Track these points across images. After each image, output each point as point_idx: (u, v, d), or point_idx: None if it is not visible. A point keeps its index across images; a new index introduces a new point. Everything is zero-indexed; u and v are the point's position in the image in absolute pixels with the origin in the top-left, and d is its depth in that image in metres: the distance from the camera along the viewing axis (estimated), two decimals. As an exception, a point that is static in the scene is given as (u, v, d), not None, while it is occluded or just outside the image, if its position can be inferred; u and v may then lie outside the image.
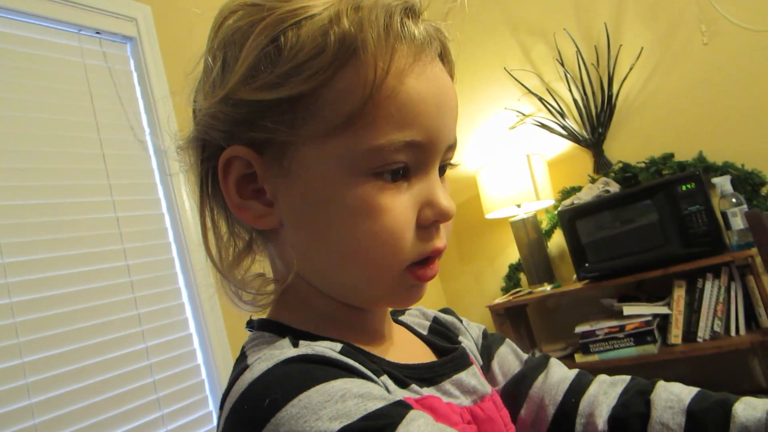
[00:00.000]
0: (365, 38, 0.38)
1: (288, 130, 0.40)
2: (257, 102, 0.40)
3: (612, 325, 2.04)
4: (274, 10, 0.40)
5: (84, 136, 1.53)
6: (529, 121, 2.52)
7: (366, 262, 0.42)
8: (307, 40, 0.39)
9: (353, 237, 0.41)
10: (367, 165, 0.40)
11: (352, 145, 0.39)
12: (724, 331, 1.92)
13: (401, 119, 0.39)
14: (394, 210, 0.41)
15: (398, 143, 0.40)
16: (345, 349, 0.41)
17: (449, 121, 0.43)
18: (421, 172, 0.43)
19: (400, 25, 0.40)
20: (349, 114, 0.39)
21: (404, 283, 0.44)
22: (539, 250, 2.33)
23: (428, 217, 0.42)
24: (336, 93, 0.39)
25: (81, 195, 1.48)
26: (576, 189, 2.35)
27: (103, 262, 1.47)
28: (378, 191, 0.40)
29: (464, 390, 0.48)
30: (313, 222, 0.42)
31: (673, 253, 1.94)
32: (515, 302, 2.28)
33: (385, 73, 0.39)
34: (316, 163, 0.41)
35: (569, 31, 2.37)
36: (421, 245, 0.42)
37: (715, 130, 2.15)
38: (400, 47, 0.40)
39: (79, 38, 1.59)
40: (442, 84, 0.43)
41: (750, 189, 2.05)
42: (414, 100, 0.40)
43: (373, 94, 0.38)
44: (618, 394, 0.54)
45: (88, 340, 1.39)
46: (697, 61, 2.18)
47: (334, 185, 0.41)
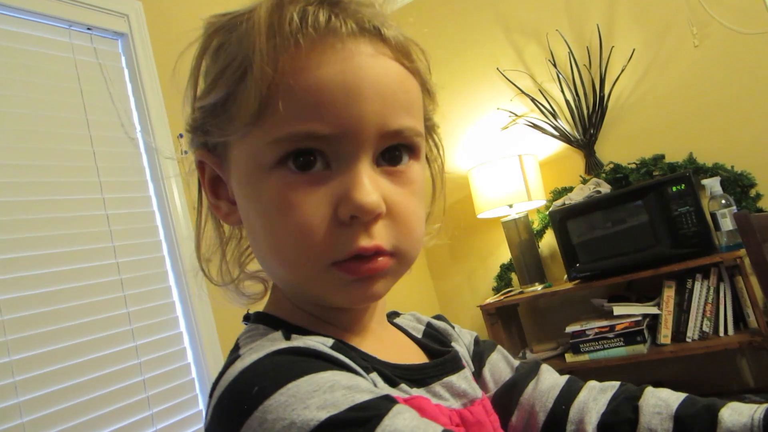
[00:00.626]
0: (252, 47, 0.39)
1: (220, 132, 0.42)
2: (202, 108, 0.43)
3: (602, 325, 2.05)
4: (220, 25, 0.43)
5: (74, 133, 1.51)
6: (521, 122, 2.53)
7: (285, 259, 0.42)
8: (229, 48, 0.41)
9: (272, 233, 0.41)
10: (273, 157, 0.40)
11: (260, 140, 0.40)
12: (713, 332, 1.93)
13: (297, 109, 0.39)
14: (303, 205, 0.40)
15: (299, 135, 0.39)
16: (336, 345, 0.41)
17: (371, 107, 0.40)
18: (342, 164, 0.40)
19: (296, 19, 0.39)
20: (254, 112, 0.39)
21: (337, 282, 0.41)
22: (530, 250, 2.34)
23: (343, 213, 0.40)
24: (244, 94, 0.40)
25: (71, 192, 1.46)
26: (567, 189, 2.36)
27: (92, 261, 1.46)
28: (287, 185, 0.40)
29: (454, 393, 0.48)
30: (249, 220, 0.44)
31: (663, 254, 1.96)
32: (506, 302, 2.29)
33: (270, 76, 0.39)
34: (240, 160, 0.42)
35: (562, 33, 2.38)
36: (342, 244, 0.40)
37: (706, 132, 2.17)
38: (285, 41, 0.39)
39: (70, 34, 1.58)
40: (357, 65, 0.40)
41: (739, 190, 2.07)
42: (311, 88, 0.39)
43: (265, 93, 0.39)
44: (607, 400, 0.54)
45: (77, 339, 1.38)
46: (688, 63, 2.20)
47: (252, 181, 0.42)
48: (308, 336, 0.41)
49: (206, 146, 0.45)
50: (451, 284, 2.77)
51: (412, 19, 0.49)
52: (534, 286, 2.30)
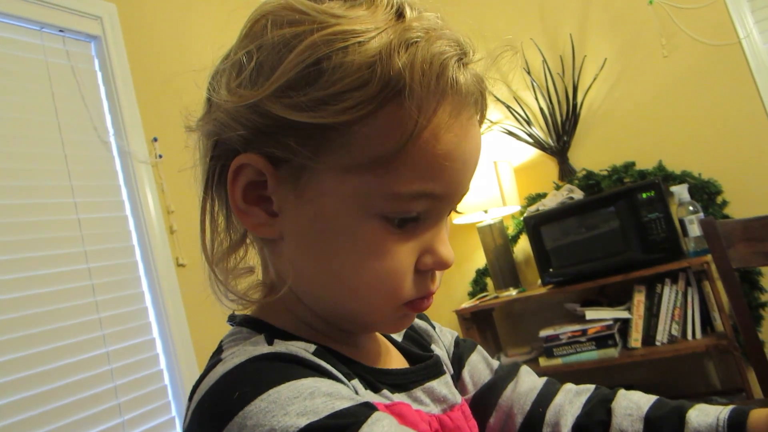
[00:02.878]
0: (413, 83, 0.36)
1: (311, 156, 0.39)
2: (285, 119, 0.38)
3: (575, 330, 2.08)
4: (323, 28, 0.37)
5: (45, 136, 1.49)
6: (496, 129, 2.56)
7: (364, 298, 0.42)
8: (351, 69, 0.36)
9: (356, 273, 0.41)
10: (382, 208, 0.39)
11: (373, 187, 0.38)
12: (682, 335, 1.97)
13: (427, 172, 0.39)
14: (398, 255, 0.41)
15: (417, 193, 0.39)
16: (318, 351, 0.41)
17: (470, 176, 0.43)
18: (432, 220, 0.42)
19: (451, 76, 0.38)
20: (378, 156, 0.37)
21: (398, 315, 0.45)
22: (505, 256, 2.37)
23: (427, 263, 0.42)
24: (369, 132, 0.37)
25: (41, 196, 1.44)
26: (541, 195, 2.40)
27: (63, 266, 1.44)
28: (387, 234, 0.40)
29: (435, 398, 0.49)
30: (318, 248, 0.42)
31: (634, 259, 2.00)
32: (482, 307, 2.31)
33: (425, 127, 0.37)
34: (333, 193, 0.40)
35: (536, 41, 2.42)
36: (417, 288, 0.43)
37: (674, 140, 2.22)
38: (445, 100, 0.38)
39: (42, 36, 1.56)
40: (473, 141, 0.42)
41: (706, 197, 2.13)
42: (444, 157, 0.39)
43: (407, 144, 0.37)
44: (582, 403, 0.56)
45: (47, 345, 1.35)
46: (657, 73, 2.25)
47: (346, 220, 0.40)
48: (291, 341, 0.42)
49: (269, 155, 0.40)
50: (427, 289, 2.78)
51: None
52: (509, 291, 2.33)
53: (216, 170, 0.44)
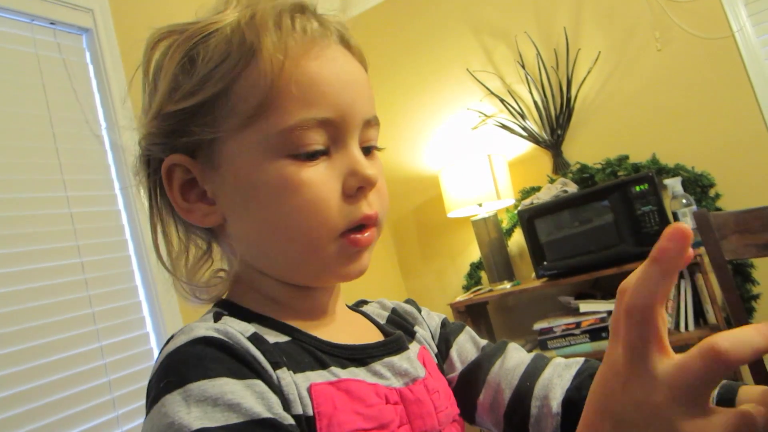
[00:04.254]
0: (260, 39, 0.44)
1: (211, 130, 0.45)
2: (181, 111, 0.45)
3: (569, 322, 2.10)
4: (186, 31, 0.46)
5: (36, 130, 1.48)
6: (490, 122, 2.56)
7: (298, 236, 0.46)
8: (214, 50, 0.44)
9: (282, 214, 0.45)
10: (284, 146, 0.44)
11: (267, 130, 0.44)
12: (674, 327, 1.99)
13: (306, 99, 0.44)
14: (315, 182, 0.44)
15: (309, 121, 0.44)
16: (254, 336, 0.43)
17: (359, 98, 0.47)
18: (340, 147, 0.46)
19: (290, 22, 0.45)
20: (258, 103, 0.43)
21: (342, 253, 0.47)
22: (500, 249, 2.37)
23: (352, 185, 0.46)
24: (244, 88, 0.44)
25: (33, 190, 1.43)
26: (535, 189, 2.40)
27: (56, 260, 1.43)
28: (299, 170, 0.44)
29: (396, 372, 0.50)
30: (246, 208, 0.46)
31: (627, 252, 2.00)
32: (476, 300, 2.31)
33: (281, 63, 0.43)
34: (239, 153, 0.45)
35: (530, 35, 2.42)
36: (349, 212, 0.46)
37: (668, 134, 2.23)
38: (292, 39, 0.44)
39: (32, 28, 1.54)
40: (344, 64, 0.47)
41: (699, 190, 2.14)
42: (315, 81, 0.44)
43: (274, 82, 0.43)
44: (572, 376, 0.56)
45: (40, 340, 1.34)
46: (651, 67, 2.26)
47: (258, 170, 0.45)
48: (238, 321, 0.45)
49: (177, 149, 0.47)
50: (421, 283, 2.79)
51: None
52: (503, 284, 2.34)
53: (156, 186, 0.50)
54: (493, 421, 0.58)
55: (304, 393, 0.42)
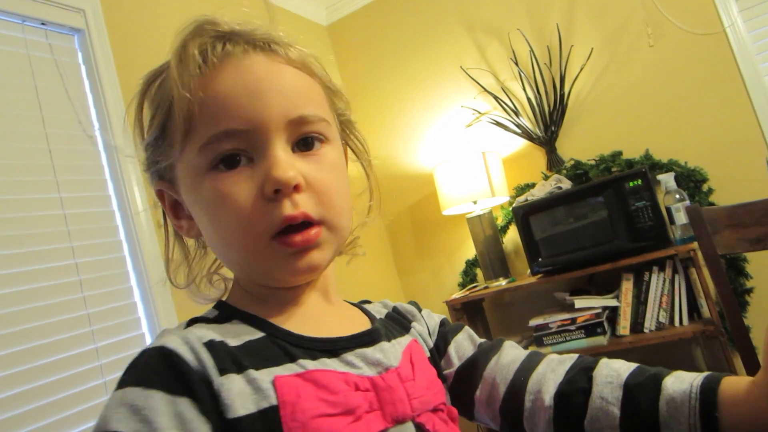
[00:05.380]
0: (168, 77, 0.50)
1: (165, 158, 0.52)
2: (148, 144, 0.53)
3: (564, 318, 2.10)
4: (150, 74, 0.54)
5: (29, 131, 1.47)
6: (484, 119, 2.56)
7: (232, 244, 0.50)
8: (159, 91, 0.52)
9: (215, 226, 0.50)
10: (205, 163, 0.49)
11: (192, 152, 0.49)
12: (669, 322, 2.00)
13: (213, 116, 0.48)
14: (233, 191, 0.48)
15: (218, 135, 0.48)
16: (210, 343, 0.46)
17: (272, 101, 0.49)
18: (260, 153, 0.49)
19: (194, 50, 0.49)
20: (183, 132, 0.49)
21: (279, 254, 0.49)
22: (495, 246, 2.38)
23: (267, 189, 0.48)
24: (172, 121, 0.50)
25: (26, 191, 1.42)
26: (530, 186, 2.41)
27: (50, 261, 1.42)
28: (220, 182, 0.48)
29: (368, 362, 0.52)
30: (199, 221, 0.53)
31: (622, 248, 2.01)
32: (472, 297, 2.32)
33: (187, 100, 0.48)
34: (184, 174, 0.52)
35: (523, 32, 2.43)
36: (272, 215, 0.48)
37: (661, 129, 2.24)
38: (196, 68, 0.49)
39: (23, 29, 1.53)
40: (255, 72, 0.50)
41: (692, 185, 2.15)
42: (219, 98, 0.48)
43: (189, 112, 0.48)
44: (565, 371, 0.57)
45: (36, 341, 1.34)
46: (643, 63, 2.27)
47: (194, 188, 0.51)
48: (207, 325, 0.50)
49: (160, 176, 0.55)
50: (417, 280, 2.79)
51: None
52: (498, 281, 2.34)
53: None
54: (490, 415, 0.60)
55: (267, 386, 0.45)
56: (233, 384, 0.44)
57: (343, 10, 2.89)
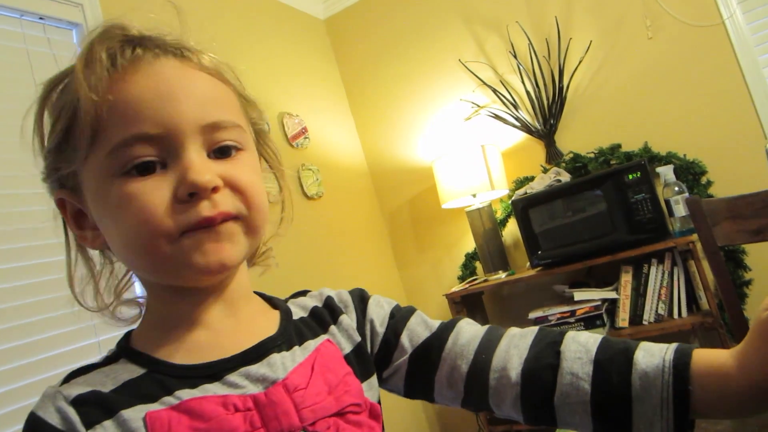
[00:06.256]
0: (71, 81, 0.49)
1: (67, 164, 0.50)
2: (49, 151, 0.51)
3: (563, 311, 2.11)
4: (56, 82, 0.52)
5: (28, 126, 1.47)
6: (483, 113, 2.56)
7: (136, 244, 0.49)
8: (62, 95, 0.51)
9: (123, 228, 0.48)
10: (114, 167, 0.48)
11: (100, 156, 0.48)
12: (668, 314, 2.01)
13: (123, 120, 0.47)
14: (141, 193, 0.47)
15: (128, 139, 0.47)
16: (78, 399, 0.46)
17: (185, 107, 0.49)
18: (174, 157, 0.48)
19: (102, 54, 0.48)
20: (90, 136, 0.48)
21: (190, 245, 0.48)
22: (494, 239, 2.38)
23: (182, 191, 0.48)
24: (77, 125, 0.48)
25: (28, 186, 1.42)
26: (529, 179, 2.41)
27: (53, 256, 1.42)
28: (133, 185, 0.47)
29: (252, 379, 0.51)
30: (106, 227, 0.51)
31: (621, 240, 2.02)
32: (471, 290, 2.33)
33: (93, 102, 0.47)
34: (89, 180, 0.50)
35: (521, 25, 2.42)
36: (184, 216, 0.48)
37: (660, 122, 2.24)
38: (103, 71, 0.48)
39: (21, 24, 1.53)
40: (167, 76, 0.50)
41: (691, 178, 2.15)
42: (130, 102, 0.48)
43: (96, 115, 0.47)
44: (528, 345, 0.58)
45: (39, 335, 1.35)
46: (642, 55, 2.27)
47: (101, 192, 0.49)
48: (83, 377, 0.49)
49: (61, 184, 0.52)
50: (416, 274, 2.80)
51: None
52: (498, 274, 2.35)
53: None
54: (452, 395, 0.60)
55: (138, 424, 0.45)
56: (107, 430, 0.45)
57: (341, 3, 2.88)
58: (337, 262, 2.44)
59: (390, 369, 0.63)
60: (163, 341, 0.52)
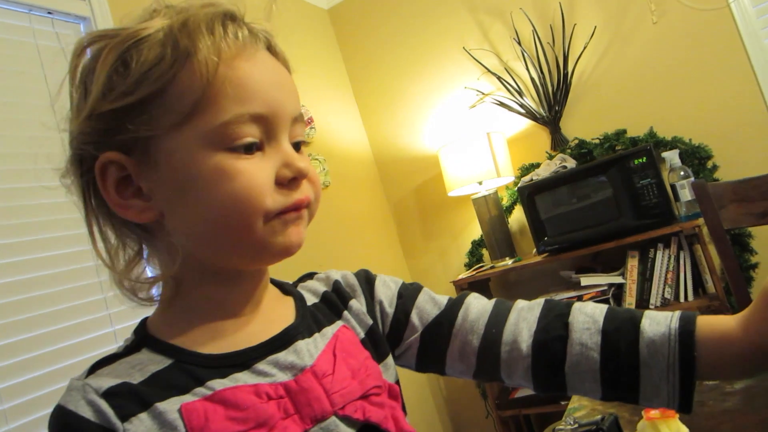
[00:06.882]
0: (194, 42, 0.47)
1: (147, 128, 0.47)
2: (117, 110, 0.47)
3: (570, 296, 2.13)
4: (117, 36, 0.48)
5: (40, 120, 1.48)
6: (488, 100, 2.57)
7: (232, 221, 0.48)
8: (149, 53, 0.47)
9: (219, 200, 0.47)
10: (221, 140, 0.47)
11: (204, 127, 0.47)
12: (674, 298, 2.02)
13: (240, 96, 0.47)
14: (249, 170, 0.48)
15: (243, 116, 0.47)
16: (109, 391, 0.46)
17: (287, 97, 0.52)
18: (273, 142, 0.50)
19: (222, 28, 0.49)
20: (195, 102, 0.46)
21: (277, 227, 0.50)
22: (500, 226, 2.40)
23: (286, 175, 0.50)
24: (180, 88, 0.47)
25: (40, 179, 1.44)
26: (535, 165, 2.42)
27: (66, 247, 1.45)
28: (236, 161, 0.48)
29: (282, 367, 0.52)
30: (184, 201, 0.49)
31: (627, 225, 2.03)
32: (478, 277, 2.34)
33: (216, 64, 0.47)
34: (177, 149, 0.48)
35: (525, 11, 2.42)
36: (283, 198, 0.50)
37: (665, 107, 2.24)
38: (224, 43, 0.48)
39: (30, 18, 1.54)
40: (273, 67, 0.52)
41: (697, 162, 2.16)
42: (248, 80, 0.48)
43: (209, 82, 0.46)
44: (536, 317, 0.60)
45: (54, 325, 1.37)
46: (647, 40, 2.26)
47: (196, 164, 0.47)
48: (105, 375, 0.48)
49: (120, 147, 0.48)
50: (423, 261, 2.82)
51: None
52: (505, 260, 2.37)
53: (89, 185, 0.52)
54: (464, 368, 0.62)
55: (174, 416, 0.45)
56: (139, 425, 0.45)
57: (343, -7, 2.88)
58: (344, 252, 2.46)
59: (401, 347, 0.64)
60: (186, 330, 0.52)
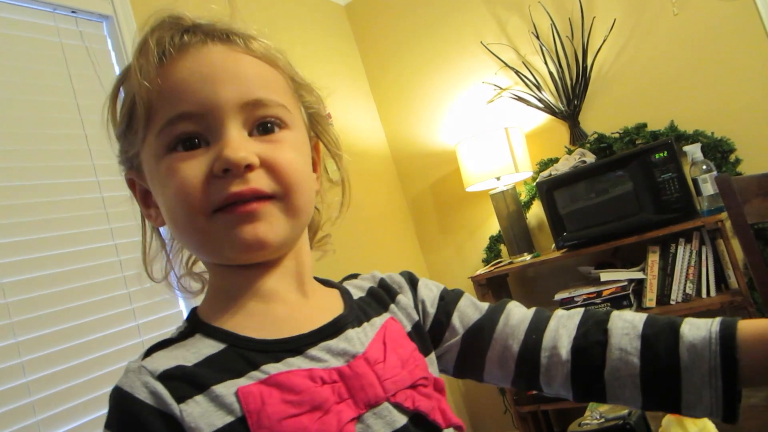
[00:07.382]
0: (131, 73, 0.52)
1: (132, 147, 0.55)
2: (118, 137, 0.57)
3: (590, 292, 2.12)
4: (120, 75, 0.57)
5: (65, 117, 1.51)
6: (506, 95, 2.55)
7: (178, 222, 0.52)
8: (125, 87, 0.55)
9: (166, 201, 0.52)
10: (164, 145, 0.51)
11: (152, 136, 0.52)
12: (696, 293, 2.00)
13: (171, 100, 0.51)
14: (182, 170, 0.50)
15: (173, 118, 0.50)
16: (165, 374, 0.48)
17: (223, 86, 0.51)
18: (215, 135, 0.51)
19: (152, 43, 0.52)
20: (145, 119, 0.52)
21: (223, 225, 0.50)
22: (519, 221, 2.39)
23: (216, 167, 0.50)
24: (137, 109, 0.52)
25: (64, 176, 1.47)
26: (553, 160, 2.41)
27: (89, 243, 1.47)
28: (173, 161, 0.51)
29: (334, 353, 0.53)
30: (160, 206, 0.54)
31: (647, 220, 2.01)
32: (496, 272, 2.34)
33: (146, 86, 0.51)
34: (146, 160, 0.54)
35: (543, 4, 2.40)
36: (217, 191, 0.50)
37: (686, 100, 2.21)
38: (153, 58, 0.51)
39: (55, 17, 1.57)
40: (212, 60, 0.52)
41: (719, 156, 2.13)
42: (175, 84, 0.51)
43: (148, 100, 0.51)
44: (576, 325, 0.60)
45: (80, 319, 1.40)
46: (668, 32, 2.23)
47: (154, 170, 0.53)
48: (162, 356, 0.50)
49: (130, 165, 0.57)
50: (441, 257, 2.82)
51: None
52: (523, 256, 2.36)
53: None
54: (503, 374, 0.62)
55: (231, 399, 0.46)
56: (195, 407, 0.46)
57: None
58: (362, 247, 2.47)
59: (441, 349, 0.64)
60: (236, 315, 0.53)
